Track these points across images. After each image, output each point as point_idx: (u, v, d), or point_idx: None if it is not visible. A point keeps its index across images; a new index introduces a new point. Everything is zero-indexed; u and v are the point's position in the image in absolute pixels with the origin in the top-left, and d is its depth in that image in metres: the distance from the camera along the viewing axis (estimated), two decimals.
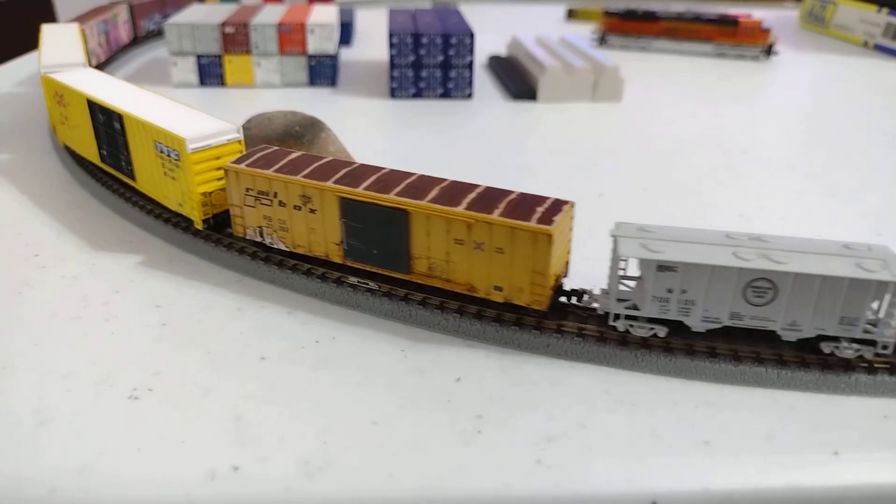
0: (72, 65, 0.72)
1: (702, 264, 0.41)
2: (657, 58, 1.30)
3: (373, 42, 1.38)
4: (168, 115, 0.56)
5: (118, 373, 0.43)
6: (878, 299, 0.41)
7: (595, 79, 1.01)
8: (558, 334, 0.44)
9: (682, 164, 0.79)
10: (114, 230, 0.61)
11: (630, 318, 0.44)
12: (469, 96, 1.02)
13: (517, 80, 1.08)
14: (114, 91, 0.63)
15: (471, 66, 1.00)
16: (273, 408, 0.41)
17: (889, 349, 0.42)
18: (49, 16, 1.88)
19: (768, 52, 1.28)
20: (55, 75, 0.69)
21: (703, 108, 1.01)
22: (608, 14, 1.36)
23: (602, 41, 1.37)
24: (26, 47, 1.28)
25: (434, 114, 0.96)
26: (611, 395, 0.42)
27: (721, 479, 0.36)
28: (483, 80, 1.12)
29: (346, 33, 1.38)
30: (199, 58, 1.05)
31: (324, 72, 1.07)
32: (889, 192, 0.72)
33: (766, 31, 1.27)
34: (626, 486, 0.36)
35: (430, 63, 1.00)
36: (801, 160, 0.81)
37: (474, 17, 1.45)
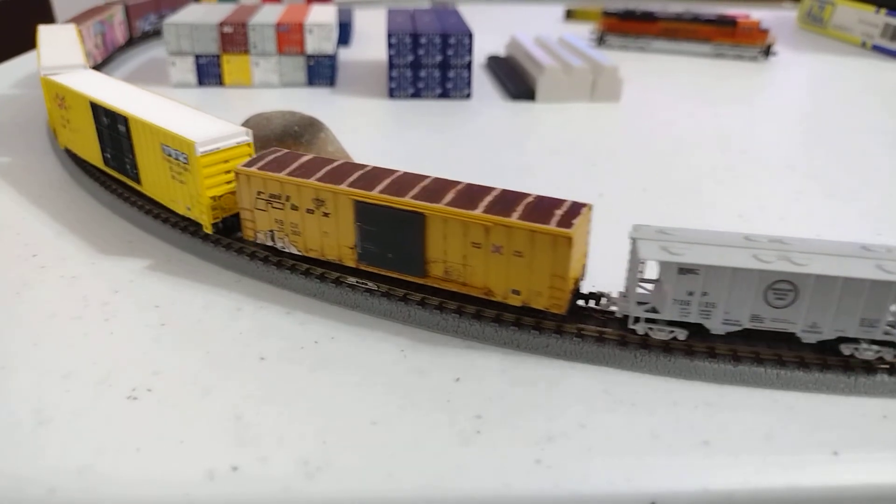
0: (72, 66, 0.72)
1: (723, 267, 0.41)
2: (656, 58, 1.30)
3: (371, 42, 1.38)
4: (175, 118, 0.56)
5: (117, 373, 0.43)
6: None
7: (594, 79, 1.01)
8: (557, 334, 0.44)
9: (681, 165, 0.79)
10: (113, 230, 0.61)
11: (649, 321, 0.44)
12: (468, 96, 1.02)
13: (516, 80, 1.08)
14: (117, 93, 0.62)
15: (469, 66, 1.00)
16: (272, 408, 0.41)
17: None
18: (47, 16, 1.88)
19: (767, 52, 1.28)
20: (56, 77, 0.68)
21: (701, 108, 1.01)
22: (607, 14, 1.36)
23: (601, 41, 1.37)
24: (24, 47, 1.28)
25: (433, 114, 0.96)
26: (610, 395, 0.42)
27: (720, 480, 0.36)
28: (482, 81, 1.12)
29: (345, 33, 1.38)
30: (197, 58, 1.05)
31: (322, 72, 1.07)
32: (888, 192, 0.72)
33: (765, 32, 1.27)
34: (626, 486, 0.36)
35: (428, 63, 1.00)
36: (800, 160, 0.81)
37: (473, 17, 1.45)
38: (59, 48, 0.79)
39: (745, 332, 0.43)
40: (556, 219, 0.42)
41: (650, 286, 0.45)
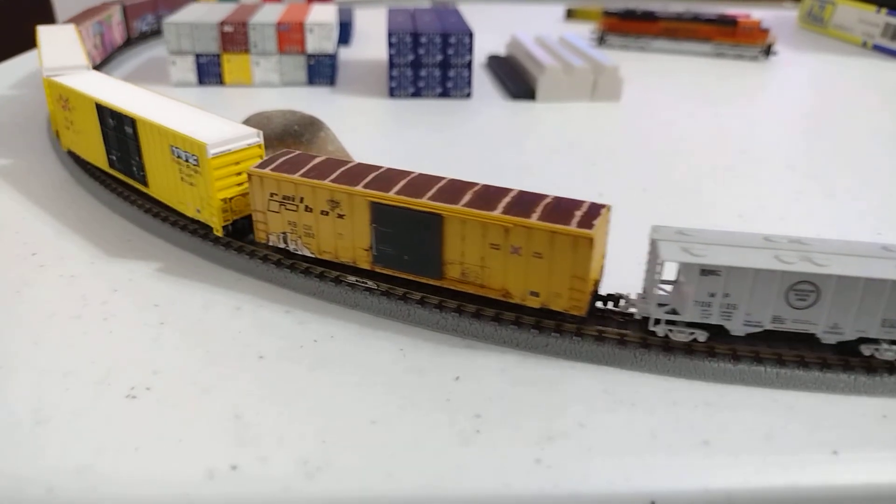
0: (75, 68, 0.71)
1: (746, 268, 0.40)
2: (656, 58, 1.30)
3: (372, 41, 1.38)
4: (184, 119, 0.55)
5: (117, 372, 0.43)
6: None
7: (594, 78, 1.01)
8: (557, 333, 0.44)
9: (681, 164, 0.79)
10: (112, 229, 0.61)
11: (669, 323, 0.44)
12: (468, 96, 1.02)
13: (516, 79, 1.08)
14: (123, 95, 0.61)
15: (470, 65, 1.00)
16: (272, 407, 0.41)
17: None
18: (48, 15, 1.88)
19: (767, 52, 1.28)
20: (60, 79, 0.67)
21: (702, 108, 1.01)
22: (607, 14, 1.36)
23: (601, 41, 1.37)
24: (24, 46, 1.28)
25: (433, 113, 0.95)
26: (610, 394, 0.42)
27: (720, 479, 0.36)
28: (482, 80, 1.12)
29: (345, 32, 1.38)
30: (197, 57, 1.05)
31: (323, 71, 1.07)
32: (889, 192, 0.72)
33: (765, 32, 1.27)
34: (626, 485, 0.36)
35: (429, 62, 1.00)
36: (800, 160, 0.81)
37: (473, 16, 1.45)
38: (61, 49, 0.79)
39: (764, 334, 0.43)
40: (576, 220, 0.42)
41: (668, 287, 0.45)
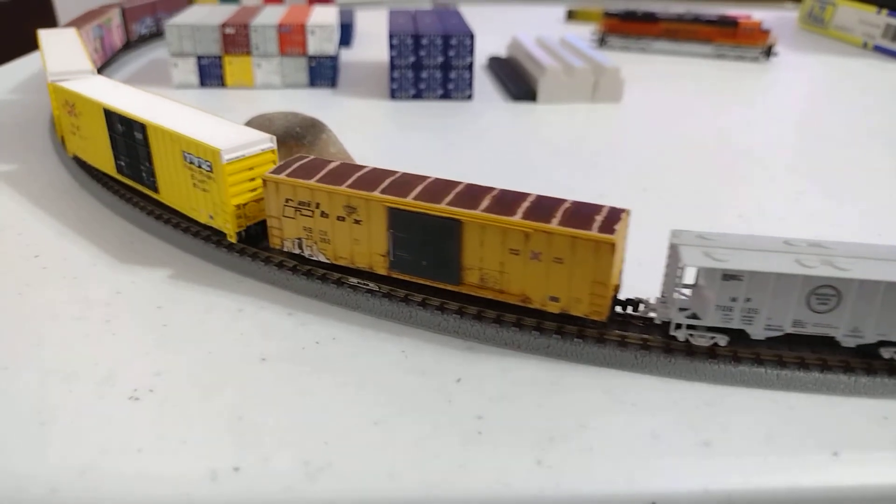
0: (80, 72, 0.70)
1: (768, 272, 0.40)
2: (657, 59, 1.30)
3: (373, 43, 1.38)
4: (195, 125, 0.54)
5: (119, 373, 0.43)
6: None
7: (595, 80, 1.01)
8: (558, 335, 0.44)
9: (681, 165, 0.79)
10: (114, 231, 0.61)
11: (690, 327, 0.44)
12: (469, 97, 1.02)
13: (517, 81, 1.08)
14: (131, 99, 0.61)
15: (471, 67, 1.00)
16: (274, 408, 0.41)
17: None
18: (49, 17, 1.88)
19: (768, 53, 1.28)
20: (66, 84, 0.66)
21: (702, 109, 1.01)
22: (608, 15, 1.36)
23: (602, 42, 1.37)
24: (26, 49, 1.28)
25: (434, 115, 0.96)
26: (611, 395, 0.42)
27: (721, 480, 0.37)
28: (483, 81, 1.12)
29: (347, 34, 1.39)
30: (199, 59, 1.05)
31: (324, 73, 1.07)
32: (889, 192, 0.72)
33: (766, 33, 1.27)
34: (626, 486, 0.36)
35: (430, 64, 1.00)
36: (800, 161, 0.81)
37: (474, 18, 1.45)
38: (64, 53, 0.78)
39: (784, 337, 0.43)
40: (596, 225, 0.42)
41: (688, 291, 0.45)
